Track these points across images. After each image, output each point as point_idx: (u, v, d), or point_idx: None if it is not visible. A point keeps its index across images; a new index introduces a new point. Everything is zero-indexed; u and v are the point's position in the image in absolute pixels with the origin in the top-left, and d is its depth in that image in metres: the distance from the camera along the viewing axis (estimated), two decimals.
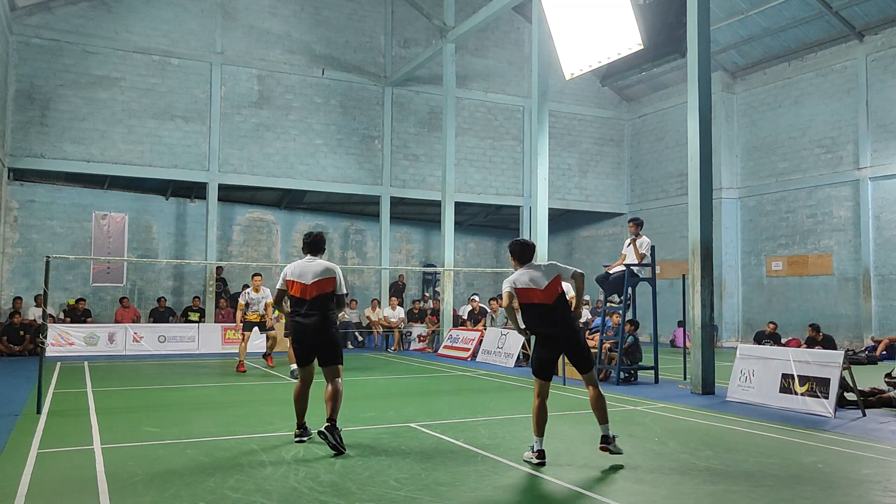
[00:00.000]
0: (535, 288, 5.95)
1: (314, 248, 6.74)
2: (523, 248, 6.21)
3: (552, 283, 5.96)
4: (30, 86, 17.67)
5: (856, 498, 4.93)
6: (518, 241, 6.32)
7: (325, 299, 6.56)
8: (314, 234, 6.84)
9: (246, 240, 21.42)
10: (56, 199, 18.97)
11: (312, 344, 6.54)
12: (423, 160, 21.98)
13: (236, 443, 6.60)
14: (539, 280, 5.96)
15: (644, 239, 11.81)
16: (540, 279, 5.96)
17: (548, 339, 5.97)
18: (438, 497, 4.83)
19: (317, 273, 6.57)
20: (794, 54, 19.97)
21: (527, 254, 6.19)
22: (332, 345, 6.56)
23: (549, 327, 5.94)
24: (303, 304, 6.55)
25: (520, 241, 6.32)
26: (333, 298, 6.63)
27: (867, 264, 18.03)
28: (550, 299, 5.94)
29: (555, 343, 5.98)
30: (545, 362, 5.96)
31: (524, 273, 6.04)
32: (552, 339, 5.96)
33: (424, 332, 19.04)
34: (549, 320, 5.94)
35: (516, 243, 6.26)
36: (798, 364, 8.76)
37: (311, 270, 6.59)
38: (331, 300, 6.61)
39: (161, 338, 17.14)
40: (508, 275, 6.30)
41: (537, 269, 6.05)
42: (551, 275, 6.00)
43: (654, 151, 24.12)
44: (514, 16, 22.73)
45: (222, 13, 19.69)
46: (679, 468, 5.71)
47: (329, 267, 6.63)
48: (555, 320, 5.93)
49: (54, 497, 4.83)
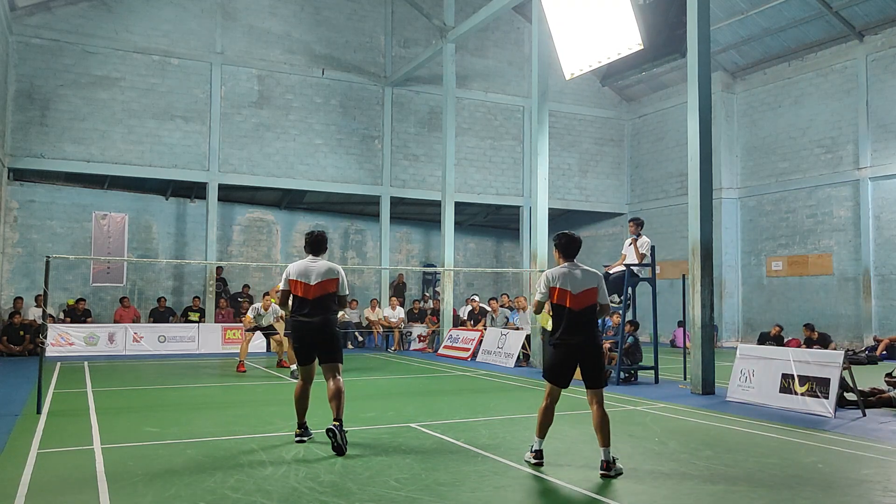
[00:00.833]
0: (568, 291, 5.65)
1: (316, 248, 6.73)
2: (570, 242, 5.84)
3: (586, 293, 5.66)
4: (30, 86, 17.66)
5: (856, 498, 4.93)
6: (564, 234, 5.92)
7: (327, 300, 6.56)
8: (316, 234, 6.82)
9: (246, 240, 21.41)
10: (56, 199, 18.96)
11: (313, 343, 6.54)
12: (423, 160, 21.98)
13: (236, 443, 6.60)
14: (576, 284, 5.67)
15: (644, 239, 11.82)
16: (576, 283, 5.67)
17: (567, 346, 5.65)
18: (438, 497, 4.83)
19: (320, 273, 6.57)
20: (794, 54, 19.96)
21: (572, 248, 5.82)
22: (332, 343, 6.56)
23: (571, 335, 5.63)
24: (305, 304, 6.54)
25: (566, 234, 5.91)
26: (335, 299, 6.64)
27: (867, 264, 18.03)
28: (579, 306, 5.64)
29: (573, 352, 5.65)
30: (559, 368, 5.67)
31: (563, 272, 5.74)
32: (571, 348, 5.64)
33: (424, 332, 19.04)
34: (573, 327, 5.63)
35: (563, 236, 5.88)
36: (798, 364, 8.76)
37: (315, 271, 6.58)
38: (333, 301, 6.61)
39: (161, 338, 17.14)
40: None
41: (578, 270, 5.77)
42: (589, 284, 5.70)
43: (654, 151, 24.12)
44: (514, 16, 22.73)
45: (222, 13, 19.69)
46: (679, 468, 5.71)
47: (332, 268, 6.63)
48: (579, 329, 5.63)
49: (54, 497, 4.83)
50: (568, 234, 5.90)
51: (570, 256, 5.82)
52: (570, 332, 5.63)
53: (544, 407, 5.73)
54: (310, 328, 6.51)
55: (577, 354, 5.64)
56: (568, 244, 5.83)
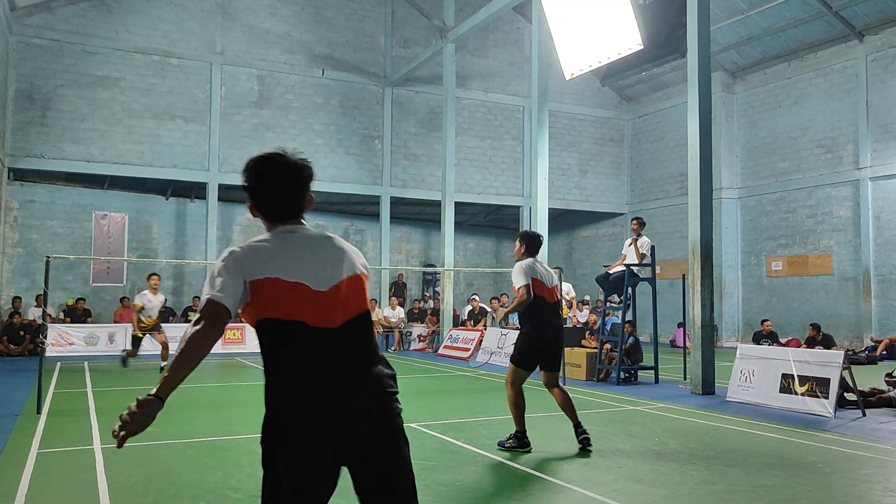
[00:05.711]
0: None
1: (538, 249, 6.59)
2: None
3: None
4: (30, 86, 17.66)
5: (856, 498, 4.93)
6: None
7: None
8: (538, 235, 6.67)
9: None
10: (56, 199, 18.96)
11: (555, 348, 6.36)
12: (423, 160, 21.97)
13: (236, 443, 6.60)
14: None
15: (644, 239, 11.82)
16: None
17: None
18: (438, 497, 4.82)
19: (554, 278, 6.61)
20: (794, 54, 19.96)
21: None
22: (561, 350, 6.76)
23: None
24: (548, 306, 6.33)
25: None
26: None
27: (867, 264, 18.03)
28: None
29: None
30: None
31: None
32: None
33: (424, 332, 19.04)
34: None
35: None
36: (798, 364, 8.75)
37: (549, 273, 6.48)
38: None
39: None
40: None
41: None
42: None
43: (654, 151, 24.11)
44: (514, 16, 22.72)
45: (222, 13, 19.68)
46: (679, 468, 5.71)
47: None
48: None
49: (54, 497, 4.83)
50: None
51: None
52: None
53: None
54: (558, 331, 6.40)
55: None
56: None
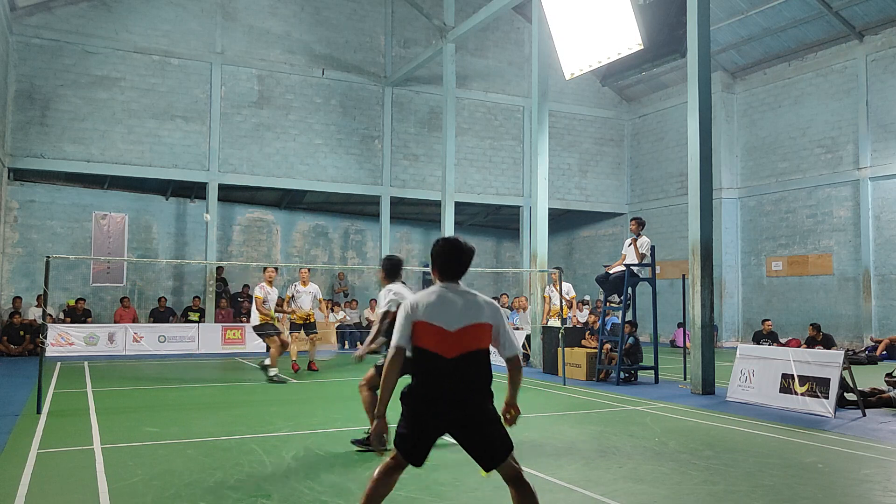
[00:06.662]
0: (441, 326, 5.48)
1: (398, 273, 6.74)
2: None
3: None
4: (30, 86, 17.66)
5: (856, 498, 4.93)
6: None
7: None
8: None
9: (246, 240, 21.41)
10: (56, 199, 18.96)
11: None
12: (423, 160, 21.97)
13: (236, 443, 6.60)
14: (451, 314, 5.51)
15: (644, 239, 11.83)
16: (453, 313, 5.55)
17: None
18: (438, 497, 4.83)
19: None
20: (794, 54, 19.96)
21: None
22: None
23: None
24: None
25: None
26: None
27: (867, 264, 18.02)
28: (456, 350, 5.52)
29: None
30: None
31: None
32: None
33: None
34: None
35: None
36: (798, 364, 8.76)
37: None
38: None
39: (161, 338, 17.13)
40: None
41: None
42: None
43: (654, 151, 24.11)
44: (514, 16, 22.72)
45: (222, 13, 19.68)
46: (679, 468, 5.71)
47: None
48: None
49: (54, 497, 4.83)
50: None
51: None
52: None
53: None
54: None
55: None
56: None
